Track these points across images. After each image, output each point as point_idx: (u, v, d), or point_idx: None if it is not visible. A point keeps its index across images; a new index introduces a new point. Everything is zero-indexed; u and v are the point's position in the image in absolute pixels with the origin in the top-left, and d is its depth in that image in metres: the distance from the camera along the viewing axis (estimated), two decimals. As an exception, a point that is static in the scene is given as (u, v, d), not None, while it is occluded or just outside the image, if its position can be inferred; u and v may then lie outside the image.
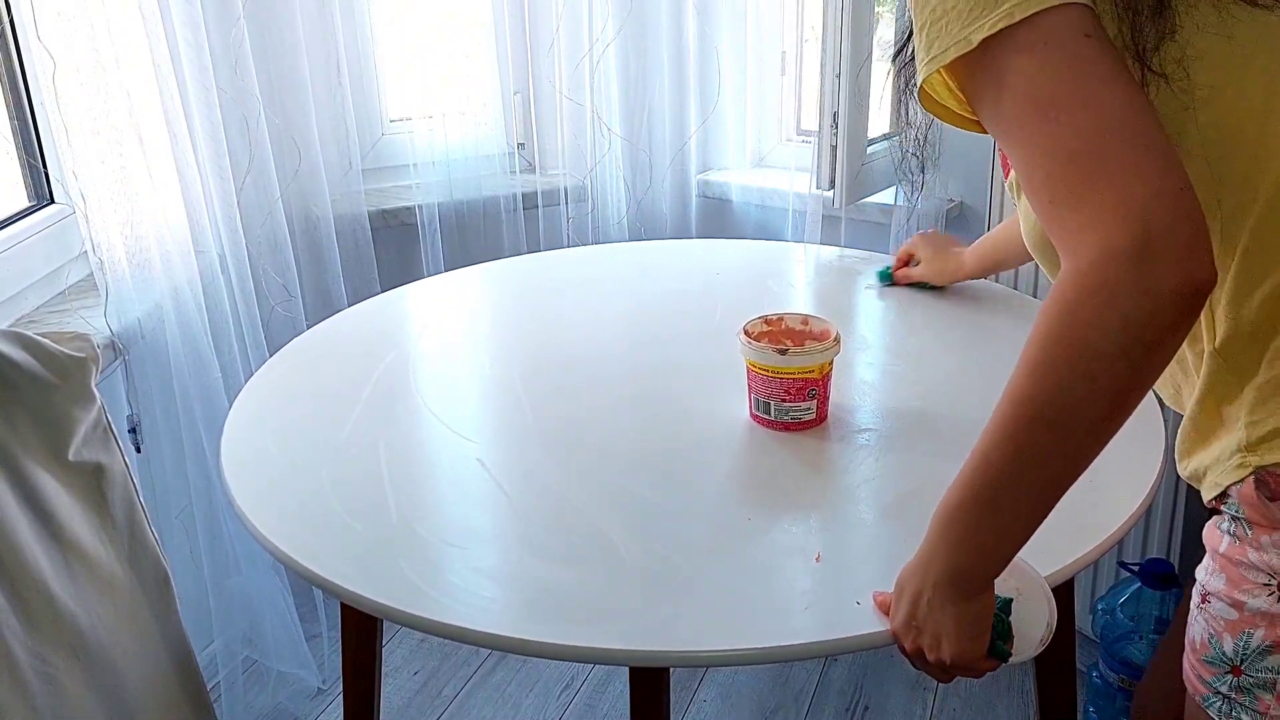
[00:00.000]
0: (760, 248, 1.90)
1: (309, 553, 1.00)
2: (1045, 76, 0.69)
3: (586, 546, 1.01)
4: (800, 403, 1.18)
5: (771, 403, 1.18)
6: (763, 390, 1.19)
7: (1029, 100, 0.70)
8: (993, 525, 0.75)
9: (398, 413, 1.28)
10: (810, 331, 1.24)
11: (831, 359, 1.19)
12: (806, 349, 1.17)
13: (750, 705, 1.84)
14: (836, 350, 1.19)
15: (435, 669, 1.94)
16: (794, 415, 1.18)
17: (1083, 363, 0.66)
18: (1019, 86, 0.70)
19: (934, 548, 0.79)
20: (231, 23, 1.73)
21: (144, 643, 1.27)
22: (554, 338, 1.49)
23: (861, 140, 1.79)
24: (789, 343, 1.22)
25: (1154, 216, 0.64)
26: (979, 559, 0.77)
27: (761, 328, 1.24)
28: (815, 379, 1.18)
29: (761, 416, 1.20)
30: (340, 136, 1.99)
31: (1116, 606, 1.62)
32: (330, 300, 1.95)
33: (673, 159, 2.17)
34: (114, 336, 1.50)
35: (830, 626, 0.89)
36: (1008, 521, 0.75)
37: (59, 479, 1.20)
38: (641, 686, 1.12)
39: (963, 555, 0.78)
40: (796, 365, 1.16)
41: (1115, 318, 0.65)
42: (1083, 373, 0.66)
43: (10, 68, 1.56)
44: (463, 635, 0.90)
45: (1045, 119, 0.69)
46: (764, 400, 1.19)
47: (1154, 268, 0.64)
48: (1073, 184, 0.67)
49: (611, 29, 2.05)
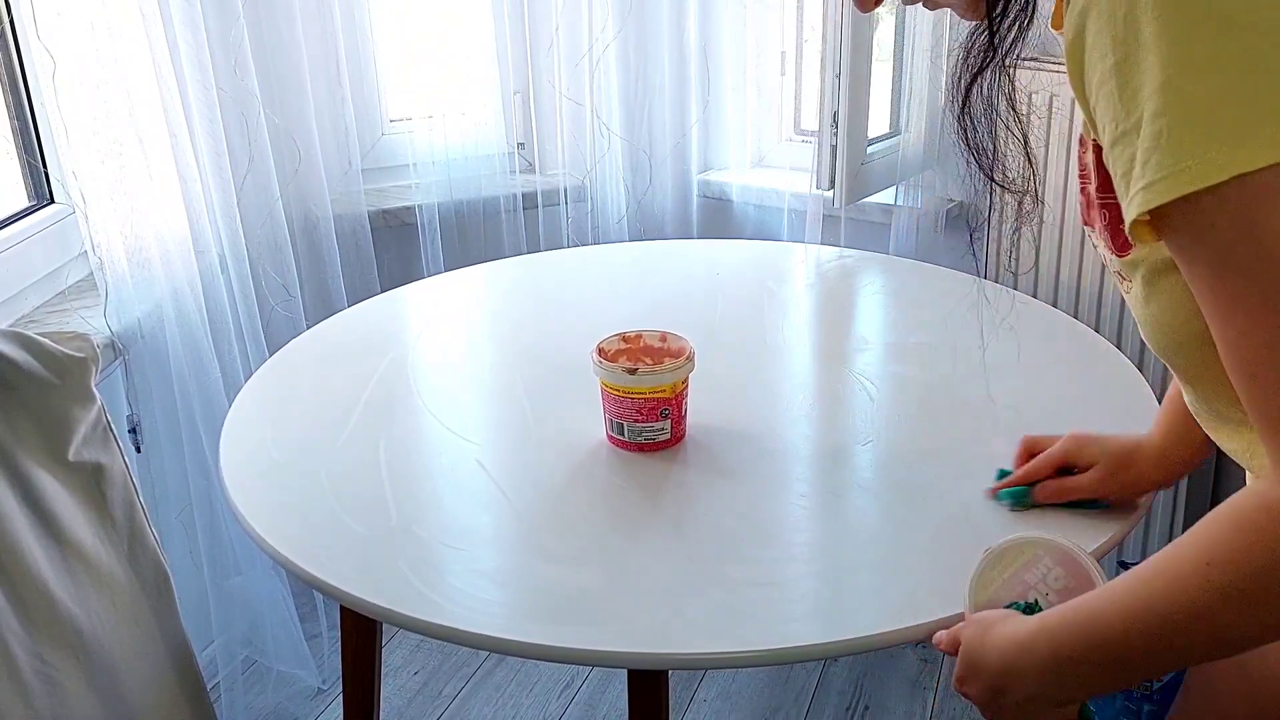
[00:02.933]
0: (760, 248, 1.90)
1: (308, 554, 1.00)
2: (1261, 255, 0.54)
3: (586, 548, 1.01)
4: (654, 423, 1.15)
5: (625, 424, 1.16)
6: (615, 410, 1.16)
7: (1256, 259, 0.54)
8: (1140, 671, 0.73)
9: (397, 413, 1.28)
10: (668, 349, 1.21)
11: (685, 377, 1.17)
12: (657, 368, 1.15)
13: (750, 705, 1.84)
14: (690, 368, 1.17)
15: (435, 669, 1.94)
16: (647, 436, 1.16)
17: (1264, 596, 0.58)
18: (1269, 238, 0.54)
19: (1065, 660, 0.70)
20: (231, 23, 1.73)
21: (144, 643, 1.27)
22: (554, 338, 1.49)
23: (861, 140, 1.79)
24: (648, 360, 1.19)
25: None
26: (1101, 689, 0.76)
27: (619, 345, 1.21)
28: (668, 398, 1.15)
29: (616, 438, 1.18)
30: (340, 136, 1.99)
31: (1116, 607, 1.62)
32: (330, 300, 1.95)
33: (672, 159, 2.17)
34: (114, 336, 1.50)
35: (830, 628, 0.89)
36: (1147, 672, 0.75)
37: (59, 479, 1.20)
38: (640, 688, 1.12)
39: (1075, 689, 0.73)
40: (647, 385, 1.14)
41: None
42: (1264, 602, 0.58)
43: (10, 68, 1.56)
44: (462, 638, 0.90)
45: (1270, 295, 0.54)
46: (617, 421, 1.16)
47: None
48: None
49: (611, 29, 2.05)
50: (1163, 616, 0.62)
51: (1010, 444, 1.07)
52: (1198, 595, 0.60)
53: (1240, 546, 0.58)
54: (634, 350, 1.22)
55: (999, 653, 0.75)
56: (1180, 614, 0.61)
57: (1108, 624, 0.66)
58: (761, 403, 1.29)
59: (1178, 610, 0.62)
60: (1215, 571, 0.59)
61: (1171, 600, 0.62)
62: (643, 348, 1.22)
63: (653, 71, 2.10)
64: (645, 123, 2.13)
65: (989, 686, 0.76)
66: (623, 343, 1.22)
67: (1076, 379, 1.31)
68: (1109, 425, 1.05)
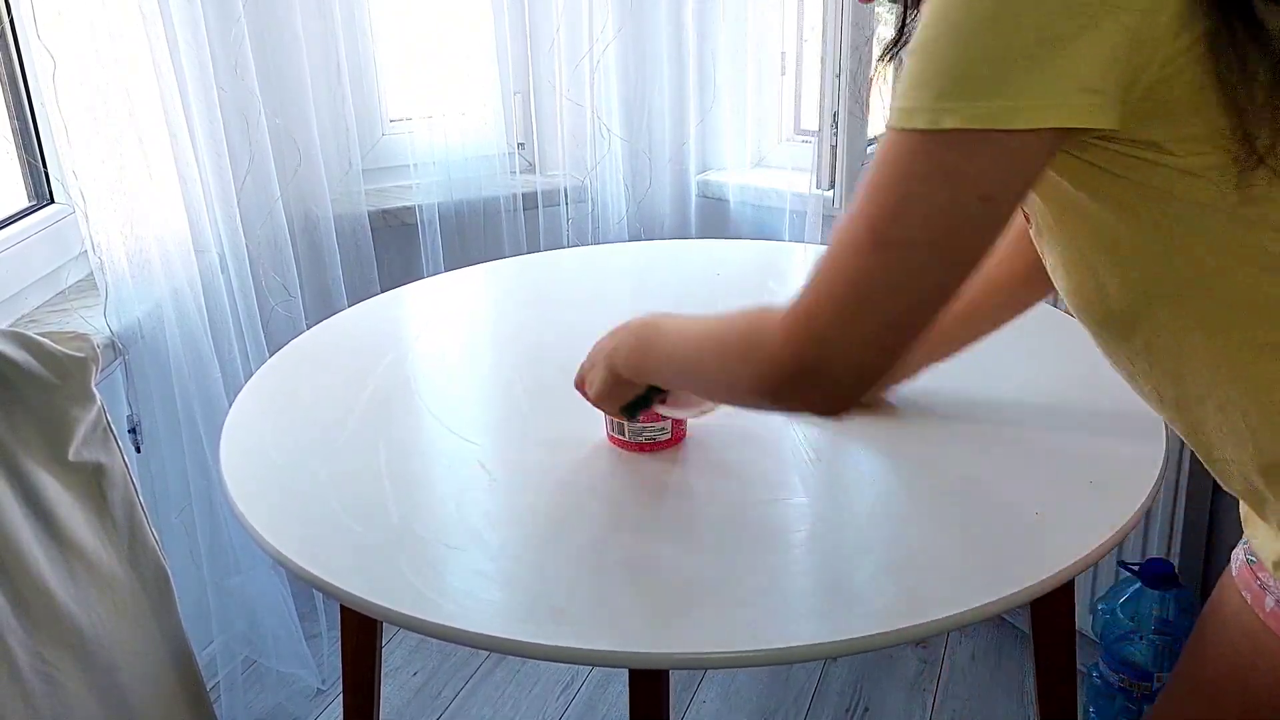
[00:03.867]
0: (760, 248, 1.90)
1: (308, 554, 1.00)
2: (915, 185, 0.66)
3: (586, 548, 1.01)
4: (654, 422, 1.12)
5: (625, 423, 1.13)
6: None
7: (880, 185, 0.67)
8: (655, 363, 0.95)
9: (397, 413, 1.27)
10: None
11: None
12: None
13: (750, 705, 1.84)
14: None
15: (435, 669, 1.94)
16: (648, 436, 1.14)
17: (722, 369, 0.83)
18: (894, 166, 0.67)
19: (630, 336, 0.98)
20: (231, 23, 1.73)
21: (144, 643, 1.27)
22: (554, 338, 1.49)
23: (861, 140, 1.79)
24: None
25: (831, 370, 0.71)
26: (635, 370, 0.98)
27: None
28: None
29: (617, 438, 1.15)
30: (340, 136, 1.99)
31: (1116, 606, 1.62)
32: (330, 300, 1.95)
33: (672, 159, 2.17)
34: (114, 336, 1.50)
35: (830, 629, 0.89)
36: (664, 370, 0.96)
37: (59, 479, 1.20)
38: (641, 688, 1.12)
39: (633, 364, 0.97)
40: None
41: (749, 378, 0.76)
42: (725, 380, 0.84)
43: (10, 68, 1.56)
44: (462, 637, 0.89)
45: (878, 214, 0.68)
46: (617, 421, 1.13)
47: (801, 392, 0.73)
48: (831, 275, 0.71)
49: (611, 29, 2.05)
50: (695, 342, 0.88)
51: (1010, 446, 1.07)
52: (710, 343, 0.85)
53: (737, 333, 0.80)
54: None
55: (621, 332, 1.00)
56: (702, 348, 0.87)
57: (680, 329, 0.91)
58: (761, 403, 1.29)
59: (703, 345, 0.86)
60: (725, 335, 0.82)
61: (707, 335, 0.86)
62: None
63: (653, 71, 2.10)
64: (645, 123, 2.13)
65: (604, 340, 1.02)
66: None
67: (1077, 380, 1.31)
68: (1113, 423, 1.04)
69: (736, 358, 0.79)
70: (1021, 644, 1.94)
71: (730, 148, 2.20)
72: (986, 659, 1.92)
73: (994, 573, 0.93)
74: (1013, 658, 1.92)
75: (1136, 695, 1.61)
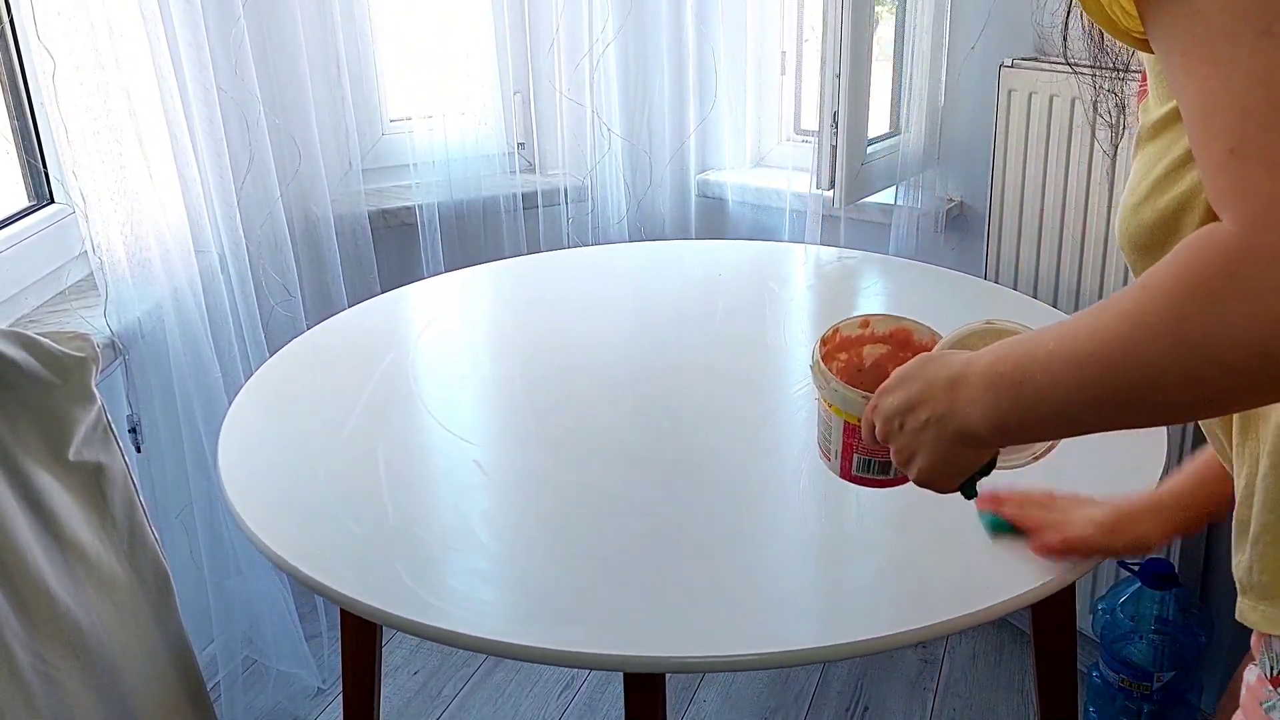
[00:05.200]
0: (760, 248, 1.90)
1: (306, 556, 1.00)
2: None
3: (585, 550, 1.01)
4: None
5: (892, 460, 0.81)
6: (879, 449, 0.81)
7: (1248, 7, 0.50)
8: (1051, 407, 0.61)
9: (397, 414, 1.27)
10: (914, 341, 0.89)
11: None
12: None
13: (750, 706, 1.84)
14: None
15: (435, 669, 1.94)
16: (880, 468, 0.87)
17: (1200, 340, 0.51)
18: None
19: (976, 388, 0.66)
20: (231, 23, 1.73)
21: (144, 643, 1.27)
22: (554, 339, 1.49)
23: (861, 140, 1.79)
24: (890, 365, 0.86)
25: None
26: (1012, 431, 0.67)
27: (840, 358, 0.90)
28: None
29: (869, 477, 0.86)
30: (340, 136, 1.99)
31: (1116, 606, 1.62)
32: (330, 300, 1.95)
33: (672, 159, 2.17)
34: (114, 336, 1.50)
35: (830, 631, 0.89)
36: (1066, 412, 0.61)
37: (59, 479, 1.20)
38: (637, 691, 1.12)
39: (1001, 415, 0.65)
40: None
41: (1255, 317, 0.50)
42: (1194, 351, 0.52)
43: (10, 68, 1.56)
44: (460, 640, 0.89)
45: (1267, 34, 0.50)
46: (880, 460, 0.84)
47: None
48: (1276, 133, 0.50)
49: (611, 29, 2.05)
50: (1086, 338, 0.57)
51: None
52: (1118, 319, 0.55)
53: (1170, 271, 0.53)
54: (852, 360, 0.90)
55: (942, 365, 0.70)
56: (1097, 338, 0.56)
57: (1046, 342, 0.60)
58: (761, 403, 1.29)
59: (1097, 334, 0.57)
60: (1143, 294, 0.54)
61: (1096, 322, 0.57)
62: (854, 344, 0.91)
63: (653, 71, 2.10)
64: (645, 123, 2.13)
65: (907, 399, 0.72)
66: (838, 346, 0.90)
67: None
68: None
69: (1196, 305, 0.51)
70: (1022, 644, 1.94)
71: (730, 148, 2.20)
72: (987, 659, 1.92)
73: (995, 575, 0.93)
74: (1013, 658, 1.91)
75: (1136, 695, 1.61)
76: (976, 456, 0.72)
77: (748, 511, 1.06)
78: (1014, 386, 0.63)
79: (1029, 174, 1.72)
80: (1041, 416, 0.63)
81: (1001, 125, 1.73)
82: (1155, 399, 0.55)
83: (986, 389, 0.65)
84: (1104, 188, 1.63)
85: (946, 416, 0.69)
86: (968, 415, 0.67)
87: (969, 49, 1.84)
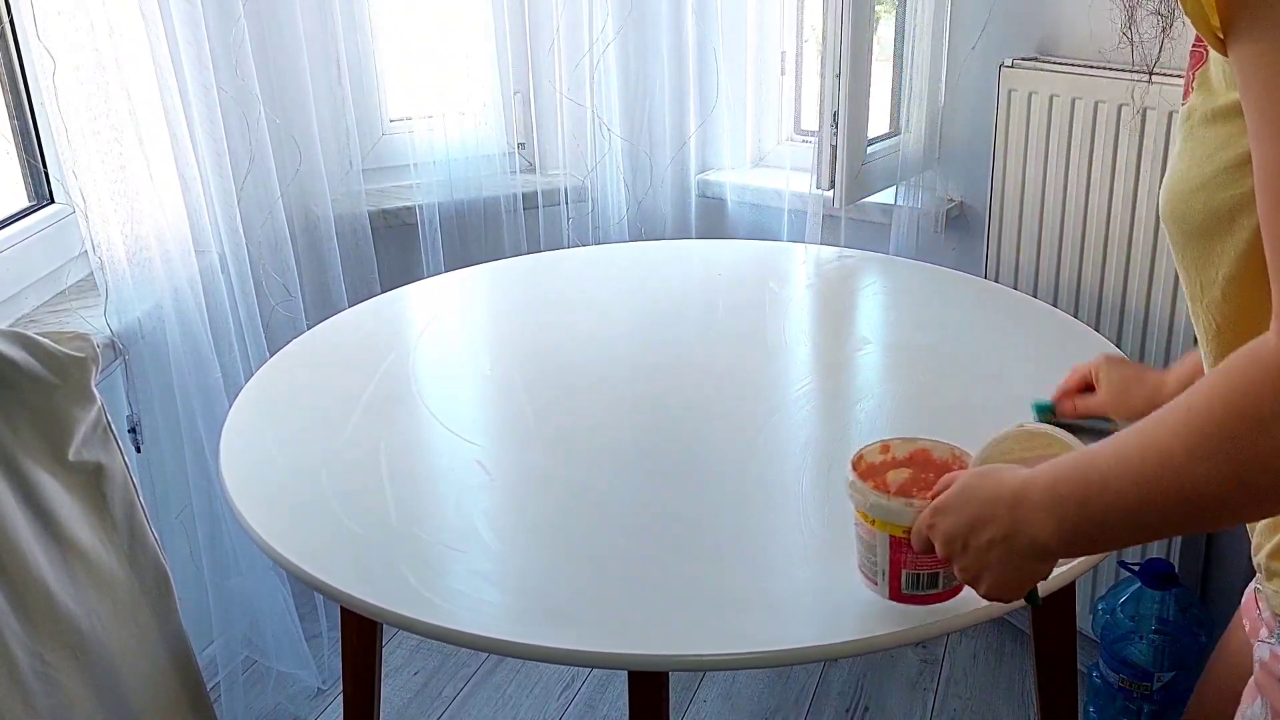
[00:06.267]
0: (760, 248, 1.90)
1: (308, 555, 1.00)
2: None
3: (587, 549, 1.01)
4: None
5: (940, 572, 0.86)
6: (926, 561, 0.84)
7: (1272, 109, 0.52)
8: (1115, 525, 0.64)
9: (397, 414, 1.27)
10: (934, 460, 0.91)
11: None
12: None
13: (751, 706, 1.84)
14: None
15: (435, 669, 1.94)
16: (948, 580, 0.87)
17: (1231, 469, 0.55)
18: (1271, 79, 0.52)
19: (1039, 508, 0.68)
20: (231, 23, 1.73)
21: (144, 643, 1.27)
22: (554, 338, 1.49)
23: (861, 140, 1.79)
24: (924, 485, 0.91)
25: None
26: (1080, 544, 0.69)
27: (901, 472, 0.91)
28: None
29: (919, 594, 0.87)
30: (340, 136, 1.99)
31: (1116, 606, 1.62)
32: (330, 300, 1.95)
33: (673, 159, 2.17)
34: (114, 336, 1.50)
35: (830, 630, 0.89)
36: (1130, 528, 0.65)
37: (59, 479, 1.20)
38: (641, 689, 1.12)
39: (1067, 533, 0.67)
40: None
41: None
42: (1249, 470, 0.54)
43: (10, 68, 1.56)
44: (461, 639, 0.89)
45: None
46: (929, 573, 0.86)
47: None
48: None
49: (611, 29, 2.05)
50: (1140, 460, 0.60)
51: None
52: (1171, 439, 0.58)
53: (1217, 393, 0.56)
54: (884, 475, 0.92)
55: (998, 483, 0.72)
56: (1153, 459, 0.59)
57: (1101, 464, 0.63)
58: (762, 402, 1.29)
59: (1151, 454, 0.59)
60: (1191, 416, 0.57)
61: (1149, 442, 0.59)
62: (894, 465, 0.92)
63: (653, 71, 2.10)
64: (645, 123, 2.13)
65: (968, 519, 0.73)
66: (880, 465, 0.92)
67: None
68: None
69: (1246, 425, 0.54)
70: (1021, 644, 1.94)
71: (730, 148, 2.20)
72: (987, 659, 1.92)
73: (994, 574, 0.93)
74: (1013, 658, 1.92)
75: (1136, 695, 1.61)
76: (1042, 568, 0.73)
77: (749, 511, 1.06)
78: (1078, 507, 0.65)
79: (1029, 174, 1.72)
80: (1106, 532, 0.65)
81: (1001, 125, 1.74)
82: (1216, 511, 0.57)
83: (1051, 509, 0.67)
84: (1104, 188, 1.63)
85: (1012, 536, 0.70)
86: (1035, 534, 0.69)
87: (969, 49, 1.84)
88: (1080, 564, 0.94)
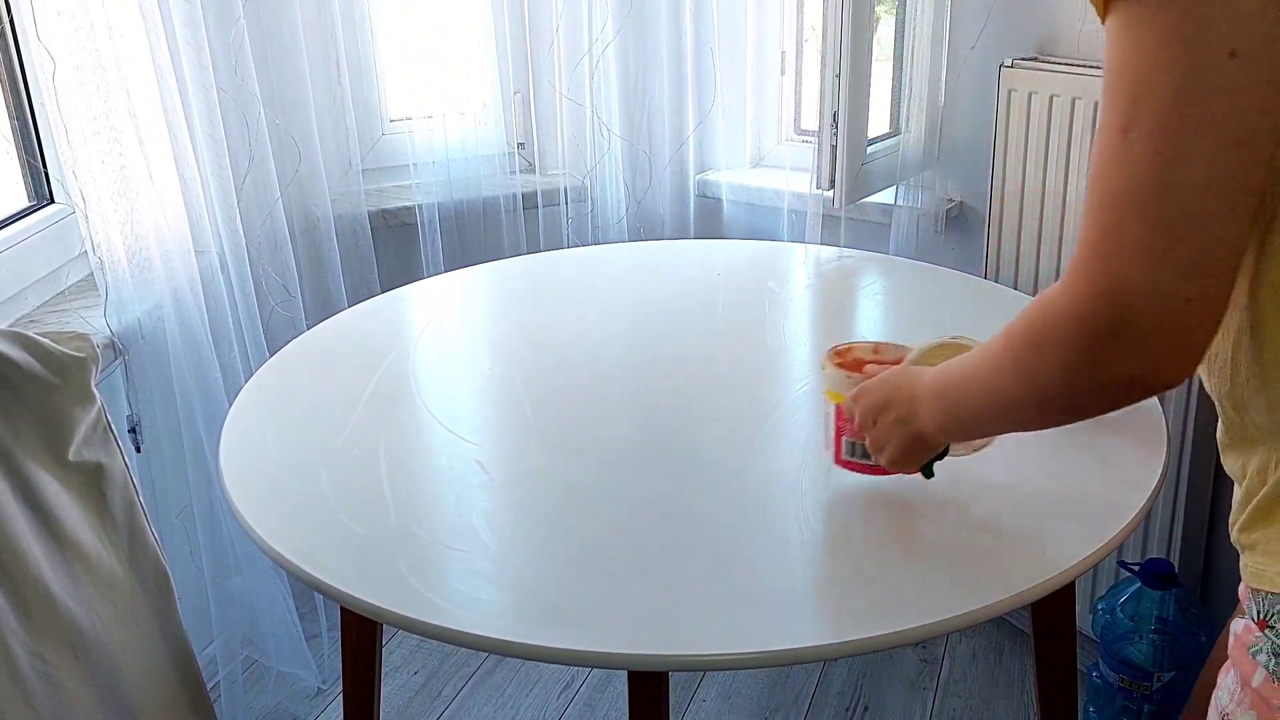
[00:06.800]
0: (760, 248, 1.90)
1: (307, 555, 1.00)
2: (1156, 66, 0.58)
3: (586, 549, 1.01)
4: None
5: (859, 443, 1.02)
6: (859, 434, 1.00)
7: (1124, 78, 0.59)
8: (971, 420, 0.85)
9: (397, 414, 1.28)
10: (884, 360, 1.07)
11: None
12: None
13: (750, 706, 1.84)
14: None
15: (435, 669, 1.94)
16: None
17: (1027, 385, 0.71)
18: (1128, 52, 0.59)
19: (926, 399, 0.88)
20: (231, 23, 1.73)
21: (144, 643, 1.27)
22: (554, 338, 1.49)
23: (861, 140, 1.79)
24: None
25: (1141, 316, 0.60)
26: (953, 431, 0.89)
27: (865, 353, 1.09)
28: None
29: (854, 462, 1.05)
30: (340, 136, 1.99)
31: (1116, 606, 1.62)
32: (330, 300, 1.95)
33: (672, 159, 2.17)
34: (114, 336, 1.50)
35: (830, 630, 0.89)
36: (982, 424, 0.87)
37: (59, 479, 1.20)
38: (641, 689, 1.12)
39: (942, 423, 0.87)
40: None
41: (1056, 366, 0.67)
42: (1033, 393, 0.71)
43: (10, 68, 1.56)
44: (461, 639, 0.89)
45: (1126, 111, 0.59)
46: (863, 444, 1.00)
47: (1114, 354, 0.62)
48: (1108, 200, 0.61)
49: (611, 29, 2.05)
50: (982, 369, 0.78)
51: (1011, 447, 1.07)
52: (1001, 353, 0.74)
53: (1020, 325, 0.70)
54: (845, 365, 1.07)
55: (910, 378, 0.91)
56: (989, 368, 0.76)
57: (966, 368, 0.81)
58: (761, 402, 1.29)
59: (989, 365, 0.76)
60: (1008, 339, 0.73)
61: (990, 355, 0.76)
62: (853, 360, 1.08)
63: (653, 71, 2.10)
64: (645, 123, 2.13)
65: (880, 400, 0.94)
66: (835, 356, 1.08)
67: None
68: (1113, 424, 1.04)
69: (1031, 352, 0.69)
70: (1022, 644, 1.94)
71: (730, 148, 2.20)
72: (987, 659, 1.92)
73: (995, 574, 0.93)
74: (1013, 657, 1.92)
75: (1136, 695, 1.61)
76: (929, 448, 0.93)
77: (749, 510, 1.06)
78: (948, 402, 0.85)
79: (1029, 174, 1.72)
80: (967, 425, 0.88)
81: (1001, 125, 1.74)
82: (1025, 410, 0.75)
83: (931, 402, 0.87)
84: (1104, 187, 1.63)
85: (907, 420, 0.91)
86: (922, 420, 0.89)
87: (969, 49, 1.84)
88: (1080, 564, 0.94)
